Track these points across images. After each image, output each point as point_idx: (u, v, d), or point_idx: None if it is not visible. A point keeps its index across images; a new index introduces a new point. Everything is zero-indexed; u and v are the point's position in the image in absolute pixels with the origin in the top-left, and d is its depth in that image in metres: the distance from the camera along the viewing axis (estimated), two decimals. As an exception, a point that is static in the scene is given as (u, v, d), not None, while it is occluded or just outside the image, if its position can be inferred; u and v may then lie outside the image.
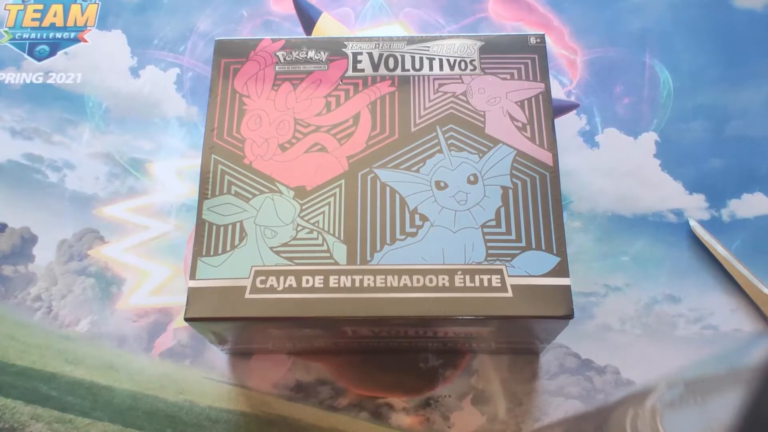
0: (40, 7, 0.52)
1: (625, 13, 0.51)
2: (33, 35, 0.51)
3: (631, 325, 0.42)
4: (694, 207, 0.45)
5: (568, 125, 0.48)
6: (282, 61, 0.39)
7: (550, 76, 0.39)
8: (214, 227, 0.35)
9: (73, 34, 0.51)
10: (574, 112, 0.48)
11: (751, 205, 0.45)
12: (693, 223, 0.44)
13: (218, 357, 0.42)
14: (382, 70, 0.38)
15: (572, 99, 0.48)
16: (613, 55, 0.50)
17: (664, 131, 0.47)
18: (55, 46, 0.51)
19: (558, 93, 0.48)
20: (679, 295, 0.43)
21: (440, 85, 0.38)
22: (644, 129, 0.47)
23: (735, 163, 0.46)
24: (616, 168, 0.47)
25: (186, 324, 0.40)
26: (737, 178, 0.46)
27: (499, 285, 0.33)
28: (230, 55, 0.40)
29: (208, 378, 0.41)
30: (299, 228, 0.35)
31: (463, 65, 0.38)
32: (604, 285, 0.43)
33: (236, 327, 0.35)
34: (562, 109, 0.48)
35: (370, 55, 0.39)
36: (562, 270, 0.34)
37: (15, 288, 0.44)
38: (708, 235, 0.43)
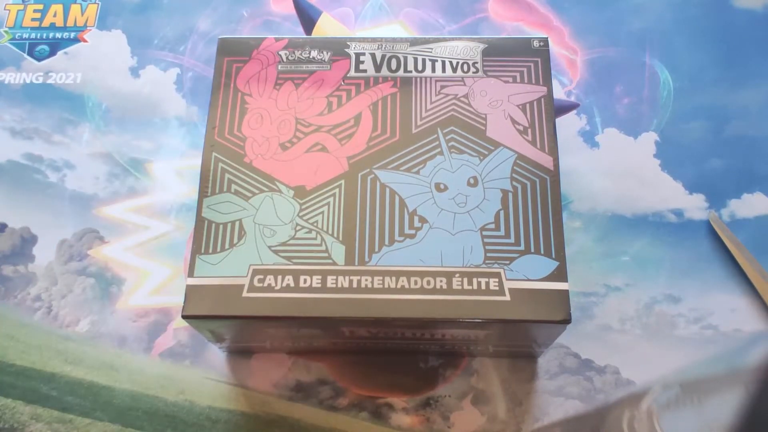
0: (40, 7, 0.52)
1: (625, 13, 0.51)
2: (33, 35, 0.51)
3: (631, 325, 0.42)
4: (694, 207, 0.45)
5: (568, 125, 0.47)
6: (285, 60, 0.39)
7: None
8: (213, 225, 0.35)
9: (73, 34, 0.51)
10: (574, 112, 0.48)
11: (751, 205, 0.45)
12: (713, 215, 0.44)
13: (218, 357, 0.42)
14: (385, 71, 0.38)
15: (572, 99, 0.48)
16: (613, 55, 0.50)
17: (664, 131, 0.47)
18: (55, 46, 0.51)
19: (558, 93, 0.48)
20: (679, 295, 0.43)
21: (442, 87, 0.38)
22: (644, 129, 0.47)
23: (735, 163, 0.46)
24: (616, 168, 0.47)
25: (186, 324, 0.40)
26: (737, 178, 0.46)
27: (497, 288, 0.33)
28: (233, 54, 0.39)
29: (208, 378, 0.41)
30: (298, 228, 0.35)
31: (465, 67, 0.38)
32: (604, 285, 0.43)
33: (233, 325, 0.35)
34: (563, 109, 0.48)
35: (373, 55, 0.39)
36: (560, 274, 0.34)
37: (15, 288, 0.44)
38: (727, 230, 0.43)
